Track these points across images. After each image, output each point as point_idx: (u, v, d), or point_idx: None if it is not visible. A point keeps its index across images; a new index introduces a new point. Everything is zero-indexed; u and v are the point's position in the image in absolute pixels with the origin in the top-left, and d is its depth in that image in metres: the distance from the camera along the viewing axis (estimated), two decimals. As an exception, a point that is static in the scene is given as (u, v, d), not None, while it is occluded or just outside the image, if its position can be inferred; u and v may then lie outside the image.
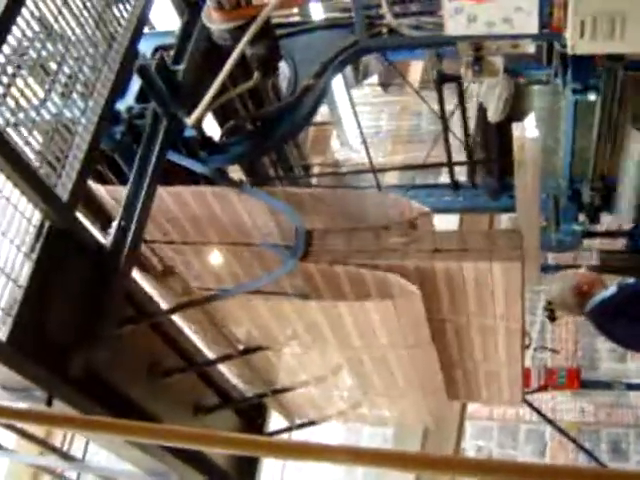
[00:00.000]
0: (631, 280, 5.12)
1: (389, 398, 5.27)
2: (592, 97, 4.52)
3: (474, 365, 4.77)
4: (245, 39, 3.67)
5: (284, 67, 4.68)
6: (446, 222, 7.28)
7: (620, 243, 6.54)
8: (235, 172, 5.32)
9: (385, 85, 9.60)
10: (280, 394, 5.40)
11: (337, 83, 6.63)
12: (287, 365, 5.12)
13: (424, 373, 4.66)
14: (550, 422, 7.03)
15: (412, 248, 3.78)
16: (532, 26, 3.15)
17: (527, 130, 3.91)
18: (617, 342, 5.21)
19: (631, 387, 6.60)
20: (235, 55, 3.71)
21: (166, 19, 5.07)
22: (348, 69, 6.53)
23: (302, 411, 5.61)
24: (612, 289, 4.84)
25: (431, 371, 4.62)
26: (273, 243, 4.25)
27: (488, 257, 3.67)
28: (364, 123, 9.44)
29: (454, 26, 3.20)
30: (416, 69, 9.90)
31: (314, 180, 6.48)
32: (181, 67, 3.98)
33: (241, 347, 4.85)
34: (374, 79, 9.43)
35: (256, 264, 4.64)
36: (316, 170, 7.04)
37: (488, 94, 4.65)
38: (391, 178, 7.62)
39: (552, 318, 6.20)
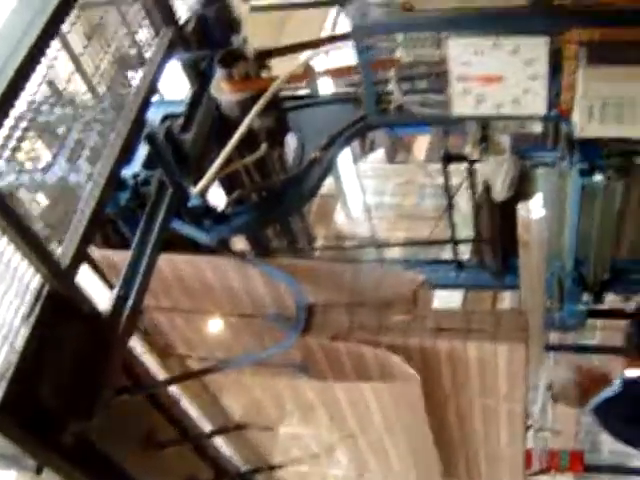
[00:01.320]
0: (635, 374, 4.97)
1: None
2: (599, 178, 4.52)
3: (475, 445, 4.67)
4: (254, 112, 3.68)
5: (290, 138, 4.72)
6: (449, 297, 7.26)
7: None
8: (239, 242, 5.31)
9: (391, 158, 9.66)
10: (274, 470, 5.29)
11: (342, 156, 6.66)
12: (282, 441, 5.03)
13: (420, 456, 4.56)
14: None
15: (415, 326, 3.73)
16: (540, 107, 3.17)
17: (533, 211, 3.90)
18: (626, 443, 5.04)
19: (636, 472, 6.42)
20: (243, 127, 3.73)
21: (177, 87, 5.11)
22: (354, 142, 6.56)
23: (296, 488, 5.50)
24: (617, 386, 4.70)
25: (427, 455, 4.52)
26: (274, 316, 4.20)
27: (493, 338, 3.62)
28: (368, 196, 9.49)
29: (461, 106, 3.21)
30: (423, 143, 9.99)
31: (317, 252, 6.45)
32: (189, 136, 3.99)
33: (236, 421, 4.77)
34: (380, 152, 9.50)
35: (255, 336, 4.58)
36: (319, 242, 7.02)
37: (494, 173, 4.65)
38: (394, 252, 7.60)
39: (555, 398, 6.11)
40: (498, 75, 3.06)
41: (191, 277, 4.19)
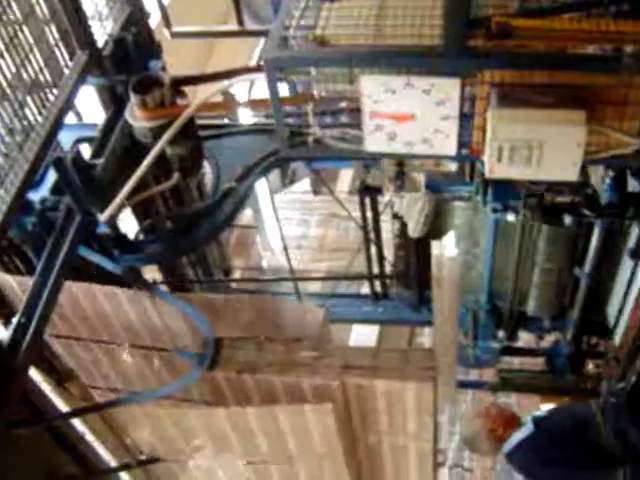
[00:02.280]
0: (543, 413, 4.95)
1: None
2: (511, 218, 4.58)
3: (385, 485, 4.63)
4: (163, 139, 3.61)
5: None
6: (366, 333, 7.26)
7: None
8: (153, 272, 5.21)
9: (316, 191, 9.65)
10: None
11: (261, 187, 6.62)
12: (191, 476, 4.90)
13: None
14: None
15: (322, 363, 3.69)
16: (450, 148, 3.17)
17: (446, 249, 3.91)
18: None
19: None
20: (153, 154, 3.65)
21: (94, 112, 5.00)
22: (274, 173, 6.54)
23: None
24: (528, 427, 4.64)
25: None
26: (181, 349, 4.11)
27: (400, 376, 3.60)
28: (292, 228, 9.45)
29: (374, 143, 3.20)
30: (346, 176, 10.01)
31: (234, 284, 6.37)
32: (99, 162, 3.89)
33: (142, 456, 4.63)
34: (306, 183, 9.48)
35: (167, 368, 4.48)
36: (238, 273, 6.94)
37: (409, 209, 4.68)
38: (315, 286, 7.57)
39: (469, 448, 6.11)
40: (410, 114, 3.06)
41: (88, 306, 4.09)
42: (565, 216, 4.83)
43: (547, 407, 6.02)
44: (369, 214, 5.28)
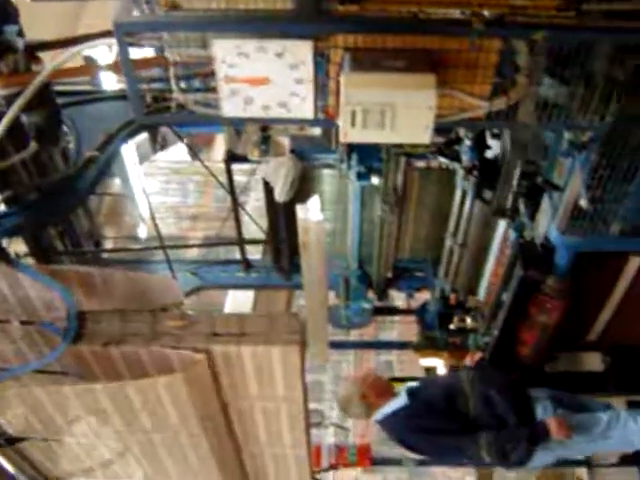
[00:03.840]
0: (417, 384, 5.11)
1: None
2: (375, 181, 4.65)
3: (259, 448, 4.66)
4: (15, 107, 3.46)
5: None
6: (242, 298, 7.26)
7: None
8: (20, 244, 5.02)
9: (193, 156, 9.50)
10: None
11: (129, 154, 6.47)
12: (71, 453, 4.81)
13: (218, 454, 4.50)
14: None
15: (189, 332, 3.66)
16: (307, 111, 3.17)
17: (311, 212, 3.92)
18: (415, 452, 5.17)
19: (421, 463, 6.66)
20: (5, 122, 3.49)
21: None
22: (145, 139, 6.38)
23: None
24: (403, 398, 4.80)
25: (226, 451, 4.48)
26: (46, 322, 4.00)
27: (266, 341, 3.61)
28: (169, 196, 9.30)
29: (230, 108, 3.16)
30: (222, 141, 9.89)
31: (105, 254, 6.22)
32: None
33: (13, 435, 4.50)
34: (182, 149, 9.30)
35: (32, 344, 4.35)
36: (109, 243, 6.79)
37: (274, 174, 4.67)
38: (192, 253, 7.48)
39: (343, 412, 6.23)
40: (264, 78, 3.03)
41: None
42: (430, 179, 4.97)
43: (426, 362, 6.23)
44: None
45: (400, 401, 4.81)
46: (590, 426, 4.71)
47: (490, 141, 4.65)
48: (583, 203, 3.81)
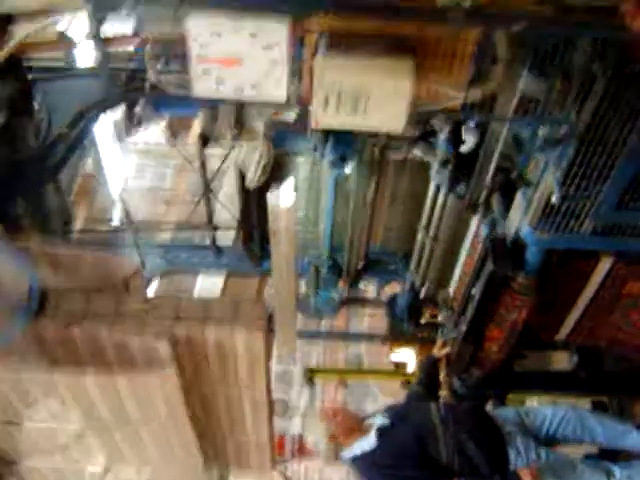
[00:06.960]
0: (386, 423, 4.86)
1: (139, 468, 5.00)
2: (348, 170, 4.59)
3: (222, 434, 4.62)
4: (-19, 79, 3.39)
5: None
6: (211, 283, 7.17)
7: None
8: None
9: (172, 138, 9.38)
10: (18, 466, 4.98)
11: (102, 133, 6.38)
12: (29, 438, 4.73)
13: (177, 441, 4.45)
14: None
15: (152, 315, 3.60)
16: (280, 94, 3.11)
17: (282, 199, 3.88)
18: None
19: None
20: (-30, 94, 3.42)
21: None
22: (121, 119, 6.30)
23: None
24: (372, 439, 4.56)
25: (185, 440, 4.43)
26: (8, 300, 3.91)
27: (229, 326, 3.57)
28: (146, 179, 9.18)
29: (202, 88, 3.09)
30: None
31: (74, 234, 6.12)
32: None
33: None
34: (160, 130, 9.18)
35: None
36: (79, 223, 6.69)
37: (247, 159, 4.60)
38: (165, 237, 7.39)
39: (312, 382, 6.18)
40: (237, 58, 2.97)
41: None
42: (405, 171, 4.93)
43: (396, 357, 6.18)
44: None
45: (370, 441, 4.53)
46: (564, 472, 4.61)
47: (465, 135, 4.61)
48: (555, 199, 3.78)
